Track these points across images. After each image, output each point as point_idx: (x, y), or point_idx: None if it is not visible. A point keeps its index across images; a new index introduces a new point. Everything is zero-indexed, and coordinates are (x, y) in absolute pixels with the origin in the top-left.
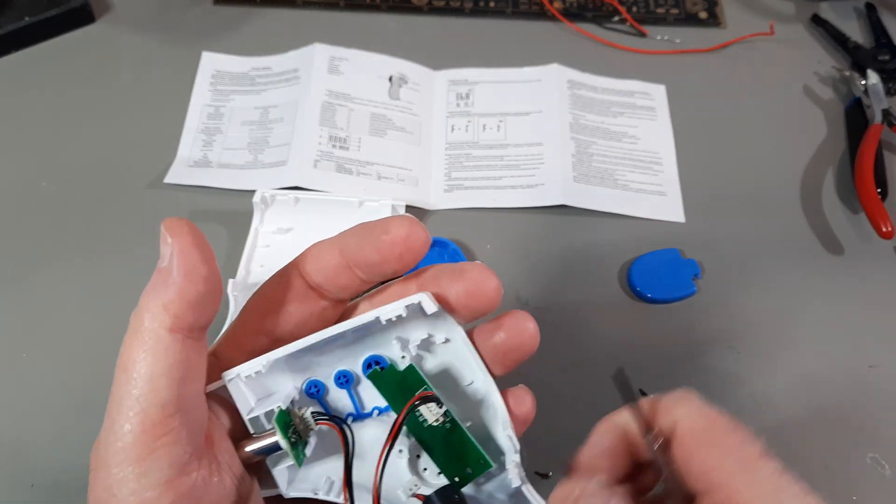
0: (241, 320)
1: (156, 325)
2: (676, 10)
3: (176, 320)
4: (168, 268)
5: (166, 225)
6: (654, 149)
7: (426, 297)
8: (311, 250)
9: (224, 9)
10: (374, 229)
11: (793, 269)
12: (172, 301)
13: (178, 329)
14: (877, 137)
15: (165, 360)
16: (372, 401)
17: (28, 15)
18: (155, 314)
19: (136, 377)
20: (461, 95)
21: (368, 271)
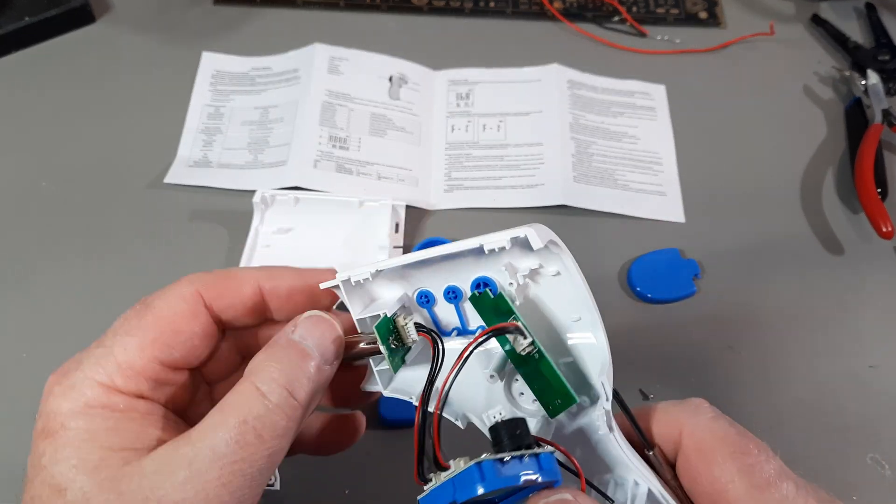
0: (131, 342)
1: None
2: (676, 10)
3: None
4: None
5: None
6: (654, 149)
7: (533, 231)
8: (219, 284)
9: (224, 9)
10: (311, 274)
11: (793, 269)
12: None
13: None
14: (877, 137)
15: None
16: (478, 320)
17: (28, 15)
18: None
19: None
20: (461, 95)
21: (283, 308)
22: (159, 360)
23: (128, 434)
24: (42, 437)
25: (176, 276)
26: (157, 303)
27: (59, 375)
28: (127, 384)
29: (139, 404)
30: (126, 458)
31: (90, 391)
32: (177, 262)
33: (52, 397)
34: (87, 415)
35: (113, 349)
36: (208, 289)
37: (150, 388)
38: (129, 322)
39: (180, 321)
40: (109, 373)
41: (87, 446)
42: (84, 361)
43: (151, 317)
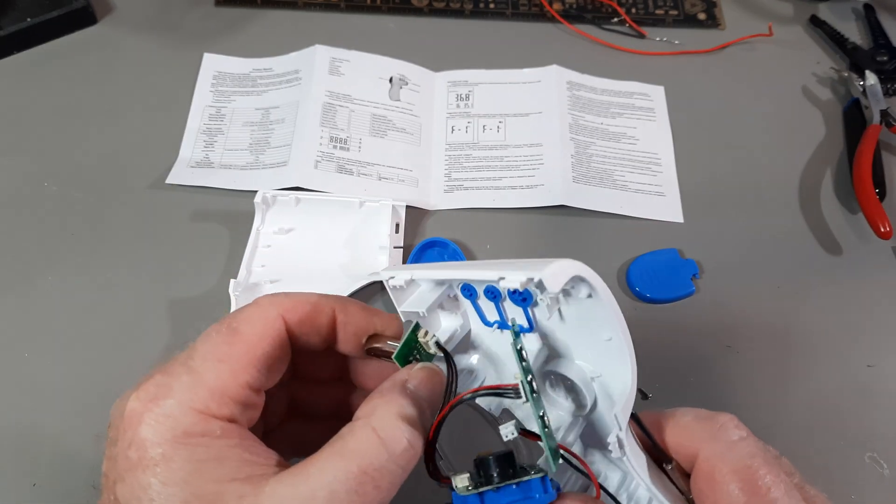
0: (223, 369)
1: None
2: (675, 12)
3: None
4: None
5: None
6: (653, 149)
7: (550, 273)
8: (300, 310)
9: (225, 10)
10: (379, 317)
11: (791, 269)
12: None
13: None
14: (875, 138)
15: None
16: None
17: (30, 16)
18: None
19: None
20: (461, 96)
21: (349, 342)
22: (248, 385)
23: (232, 463)
24: (142, 468)
25: (176, 275)
26: (245, 328)
27: (145, 402)
28: (221, 409)
29: (233, 430)
30: (239, 492)
31: (188, 419)
32: (178, 262)
33: (144, 426)
34: (189, 444)
35: (203, 375)
36: (290, 314)
37: (240, 410)
38: (219, 348)
39: (271, 349)
40: (204, 399)
41: (197, 480)
42: (174, 387)
43: (243, 344)
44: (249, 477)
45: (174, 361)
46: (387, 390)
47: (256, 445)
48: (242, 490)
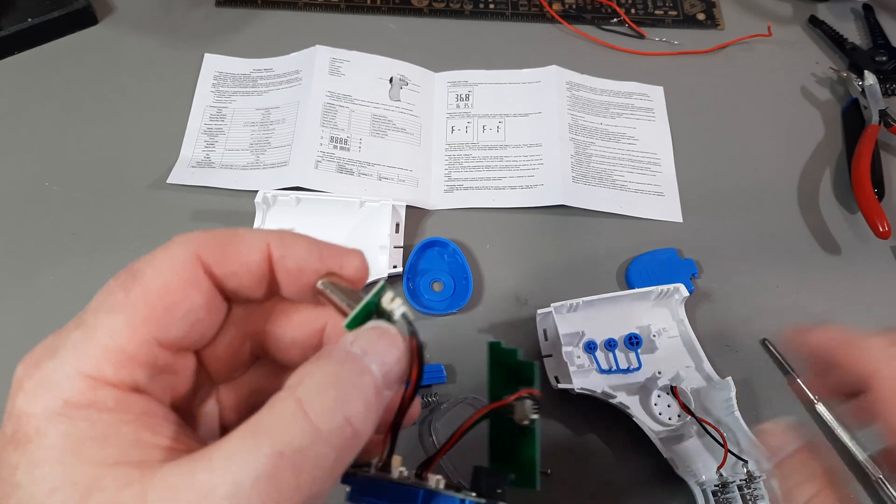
0: (117, 321)
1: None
2: (675, 12)
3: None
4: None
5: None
6: (653, 149)
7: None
8: (221, 246)
9: (226, 11)
10: (331, 251)
11: (790, 268)
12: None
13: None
14: (874, 138)
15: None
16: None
17: (31, 16)
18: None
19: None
20: (461, 97)
21: (292, 284)
22: (156, 340)
23: (121, 443)
24: (13, 445)
25: None
26: (147, 270)
27: (29, 366)
28: (118, 373)
29: (133, 401)
30: (124, 479)
31: (71, 385)
32: None
33: (22, 394)
34: (69, 417)
35: (96, 330)
36: (208, 252)
37: (146, 376)
38: (114, 296)
39: (177, 291)
40: (94, 360)
41: (72, 461)
42: (60, 348)
43: (140, 288)
44: (142, 462)
45: (74, 318)
46: (324, 354)
47: (164, 423)
48: (128, 476)
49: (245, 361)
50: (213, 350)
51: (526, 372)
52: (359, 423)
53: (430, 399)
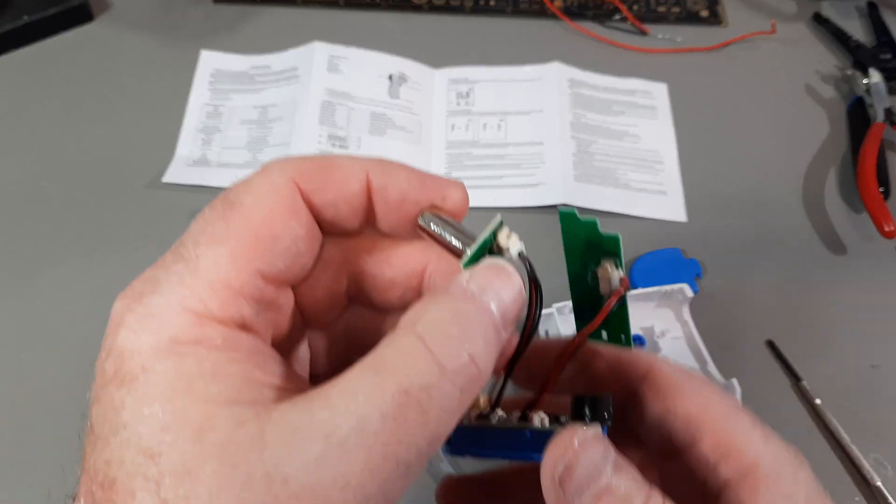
0: (221, 253)
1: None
2: (678, 9)
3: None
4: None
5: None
6: (656, 148)
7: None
8: (320, 174)
9: (223, 7)
10: (433, 182)
11: (795, 268)
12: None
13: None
14: (879, 136)
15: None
16: None
17: (27, 14)
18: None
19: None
20: (461, 94)
21: (391, 215)
22: (261, 273)
23: (233, 382)
24: (116, 383)
25: None
26: (246, 199)
27: (130, 300)
28: (224, 309)
29: (241, 339)
30: (238, 418)
31: (177, 321)
32: None
33: (124, 329)
34: (177, 354)
35: (199, 263)
36: (306, 179)
37: (252, 312)
38: (213, 227)
39: (278, 220)
40: (200, 295)
41: (182, 399)
42: (162, 282)
43: (241, 217)
44: (254, 401)
45: (170, 251)
46: (441, 291)
47: (272, 363)
48: (242, 415)
49: (340, 303)
50: (308, 287)
51: (609, 246)
52: (482, 363)
53: None
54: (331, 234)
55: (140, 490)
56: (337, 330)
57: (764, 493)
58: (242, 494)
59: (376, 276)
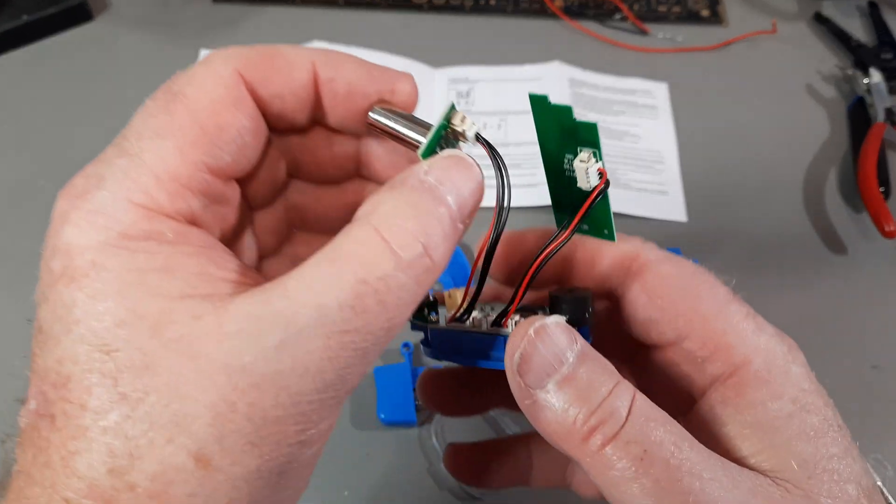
0: (166, 146)
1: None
2: (678, 8)
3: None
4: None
5: None
6: (656, 147)
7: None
8: (265, 63)
9: (222, 7)
10: (382, 74)
11: (795, 268)
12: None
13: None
14: (880, 136)
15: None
16: None
17: (26, 13)
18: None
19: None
20: (461, 94)
21: (339, 108)
22: (207, 167)
23: (188, 276)
24: (65, 280)
25: None
26: (189, 90)
27: (73, 197)
28: (173, 202)
29: (192, 234)
30: (194, 311)
31: (125, 216)
32: None
33: (69, 226)
34: (128, 249)
35: (142, 156)
36: (250, 69)
37: (200, 205)
38: (156, 119)
39: (224, 112)
40: (147, 188)
41: (137, 294)
42: (107, 176)
43: (185, 109)
44: (210, 294)
45: (111, 145)
46: (398, 183)
47: (224, 256)
48: (199, 308)
49: (282, 183)
50: (253, 177)
51: (586, 134)
52: (436, 254)
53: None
54: (279, 128)
55: (97, 386)
56: (277, 207)
57: (752, 389)
58: (202, 385)
59: (318, 162)
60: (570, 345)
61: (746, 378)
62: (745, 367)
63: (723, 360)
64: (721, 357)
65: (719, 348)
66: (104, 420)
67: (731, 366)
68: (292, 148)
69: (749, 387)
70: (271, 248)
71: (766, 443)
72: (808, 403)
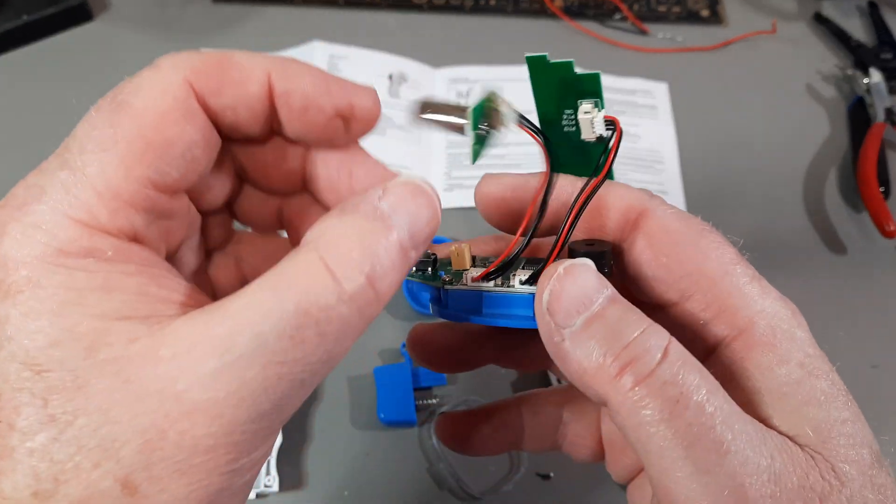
0: (109, 159)
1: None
2: (678, 8)
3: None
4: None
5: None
6: (656, 147)
7: None
8: (216, 73)
9: (222, 6)
10: (340, 87)
11: (795, 268)
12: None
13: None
14: (879, 136)
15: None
16: None
17: (26, 13)
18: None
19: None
20: (461, 94)
21: (295, 122)
22: (152, 182)
23: (126, 296)
24: (0, 294)
25: None
26: (135, 100)
27: (12, 209)
28: (114, 219)
29: (133, 251)
30: (131, 333)
31: (64, 232)
32: None
33: (7, 239)
34: (66, 267)
35: (85, 170)
36: (202, 79)
37: (143, 222)
38: (101, 132)
39: (172, 125)
40: (87, 204)
41: (73, 313)
42: (47, 190)
43: (131, 121)
44: (149, 316)
45: (53, 155)
46: (350, 208)
47: (167, 276)
48: (136, 330)
49: (231, 191)
50: (202, 186)
51: (588, 85)
52: (381, 286)
53: (428, 401)
54: (232, 137)
55: (26, 406)
56: (225, 209)
57: (758, 353)
58: (134, 410)
59: (268, 174)
60: (599, 288)
61: (751, 341)
62: (749, 330)
63: (727, 323)
64: (725, 319)
65: (723, 310)
66: (31, 441)
67: (735, 328)
68: (244, 156)
69: (755, 350)
70: (218, 243)
71: (777, 409)
72: (815, 368)
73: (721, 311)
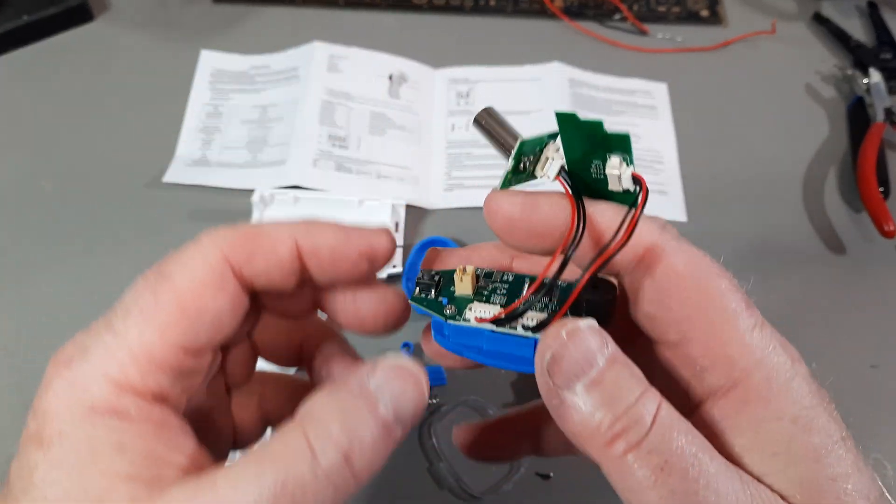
0: (148, 327)
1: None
2: (678, 9)
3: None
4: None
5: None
6: (656, 147)
7: None
8: (249, 244)
9: (223, 7)
10: (359, 235)
11: (795, 268)
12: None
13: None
14: (879, 136)
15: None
16: None
17: (26, 13)
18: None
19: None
20: (461, 94)
21: (324, 273)
22: (182, 347)
23: (136, 457)
24: (35, 443)
25: None
26: (176, 274)
27: (59, 365)
28: (144, 379)
29: (154, 412)
30: (133, 494)
31: (98, 390)
32: None
33: (50, 393)
34: (91, 423)
35: (126, 335)
36: (236, 251)
37: (169, 382)
38: (144, 300)
39: (206, 296)
40: (122, 365)
41: (88, 470)
42: (91, 349)
43: (170, 293)
44: (152, 478)
45: (103, 317)
46: (338, 385)
47: (178, 437)
48: (138, 492)
49: (250, 327)
50: (228, 341)
51: (618, 145)
52: (359, 464)
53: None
54: (270, 295)
55: None
56: (245, 344)
57: (752, 408)
58: None
59: (285, 309)
60: (601, 348)
61: (745, 395)
62: (744, 383)
63: (723, 373)
64: (722, 369)
65: (721, 359)
66: None
67: (730, 380)
68: (267, 298)
69: (749, 405)
70: (240, 380)
71: (770, 466)
72: (809, 422)
73: (718, 360)
